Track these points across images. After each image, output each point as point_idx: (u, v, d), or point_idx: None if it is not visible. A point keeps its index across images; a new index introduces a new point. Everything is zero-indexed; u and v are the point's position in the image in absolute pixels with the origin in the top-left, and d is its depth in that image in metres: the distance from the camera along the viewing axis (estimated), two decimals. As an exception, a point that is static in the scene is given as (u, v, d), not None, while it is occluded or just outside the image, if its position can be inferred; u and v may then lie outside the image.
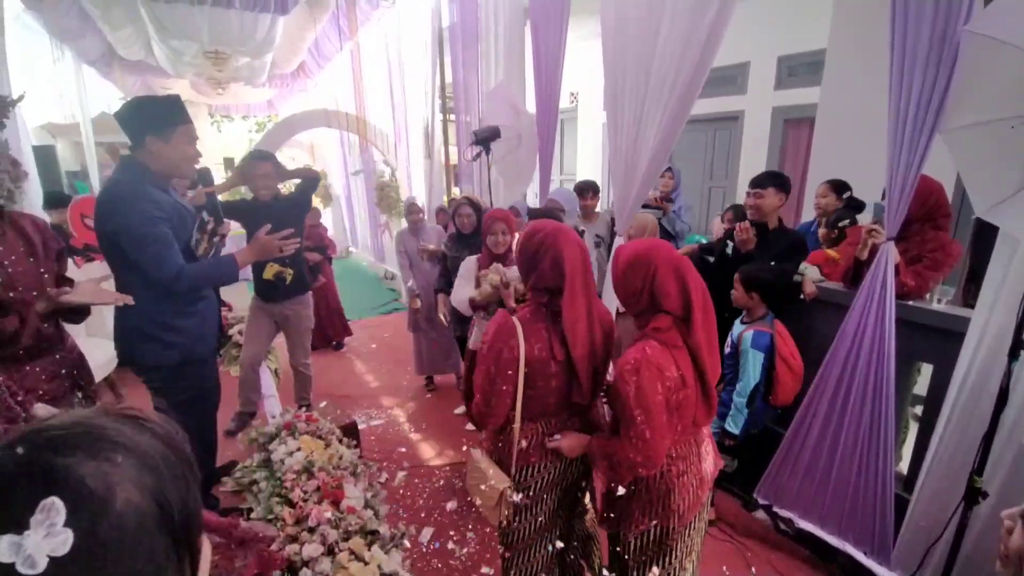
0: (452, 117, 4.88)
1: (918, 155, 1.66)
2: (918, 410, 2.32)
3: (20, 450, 0.31)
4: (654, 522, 1.39)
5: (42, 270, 1.68)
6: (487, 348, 1.41)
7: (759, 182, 2.49)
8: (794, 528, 2.24)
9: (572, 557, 1.79)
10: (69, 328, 1.99)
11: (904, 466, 2.25)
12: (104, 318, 3.50)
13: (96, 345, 3.24)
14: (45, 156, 5.62)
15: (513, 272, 2.30)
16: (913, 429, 2.34)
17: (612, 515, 1.47)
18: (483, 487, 1.49)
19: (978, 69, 1.51)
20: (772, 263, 2.33)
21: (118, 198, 1.81)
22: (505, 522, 1.53)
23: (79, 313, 1.80)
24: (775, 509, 2.30)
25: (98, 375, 3.10)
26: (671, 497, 1.37)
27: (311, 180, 3.03)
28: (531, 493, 1.52)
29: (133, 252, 1.81)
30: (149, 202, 1.80)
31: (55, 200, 3.91)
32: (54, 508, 0.29)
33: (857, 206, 2.82)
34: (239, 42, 5.24)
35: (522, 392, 1.40)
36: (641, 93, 2.68)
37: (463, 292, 2.47)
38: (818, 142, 3.77)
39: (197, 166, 2.05)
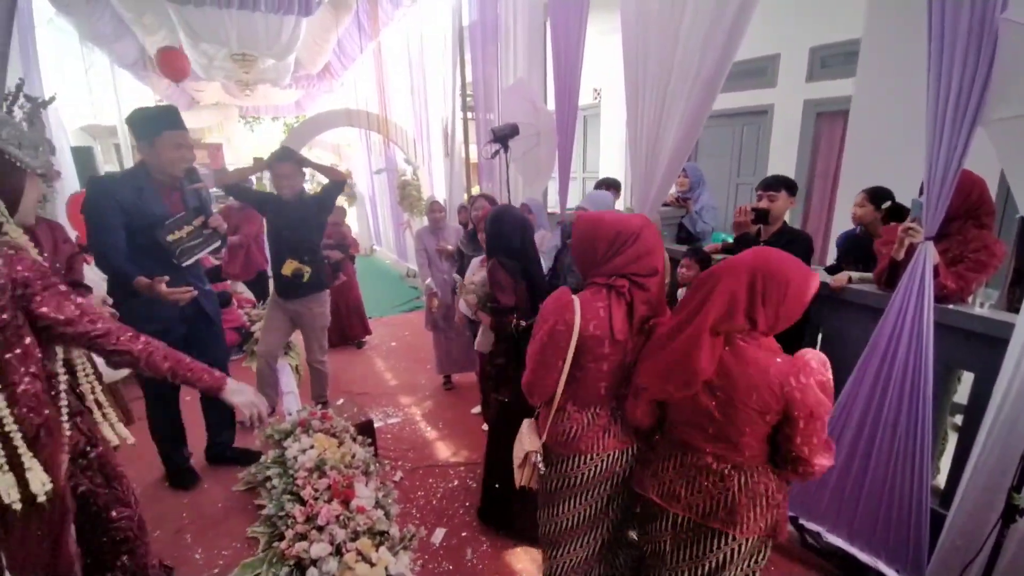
0: (472, 115, 4.86)
1: (959, 148, 1.55)
2: (958, 420, 2.18)
3: None
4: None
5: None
6: (541, 320, 1.42)
7: (771, 184, 2.38)
8: (821, 542, 2.13)
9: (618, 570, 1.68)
10: None
11: (941, 479, 2.11)
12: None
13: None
14: (84, 157, 5.84)
15: (479, 277, 2.35)
16: (952, 440, 2.20)
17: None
18: (516, 446, 1.59)
19: (1017, 58, 1.40)
20: None
21: (90, 188, 2.22)
22: (529, 486, 1.60)
23: None
24: (801, 522, 2.20)
25: (125, 370, 3.18)
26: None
27: (337, 183, 3.06)
28: (574, 484, 1.48)
29: (89, 233, 2.17)
30: (104, 195, 2.15)
31: None
32: None
33: (898, 213, 2.61)
34: (265, 44, 5.33)
35: (568, 371, 1.40)
36: (662, 87, 2.61)
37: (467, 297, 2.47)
38: (852, 136, 3.60)
39: (185, 166, 2.29)
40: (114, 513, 1.51)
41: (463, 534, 2.34)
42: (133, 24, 5.06)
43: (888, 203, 2.62)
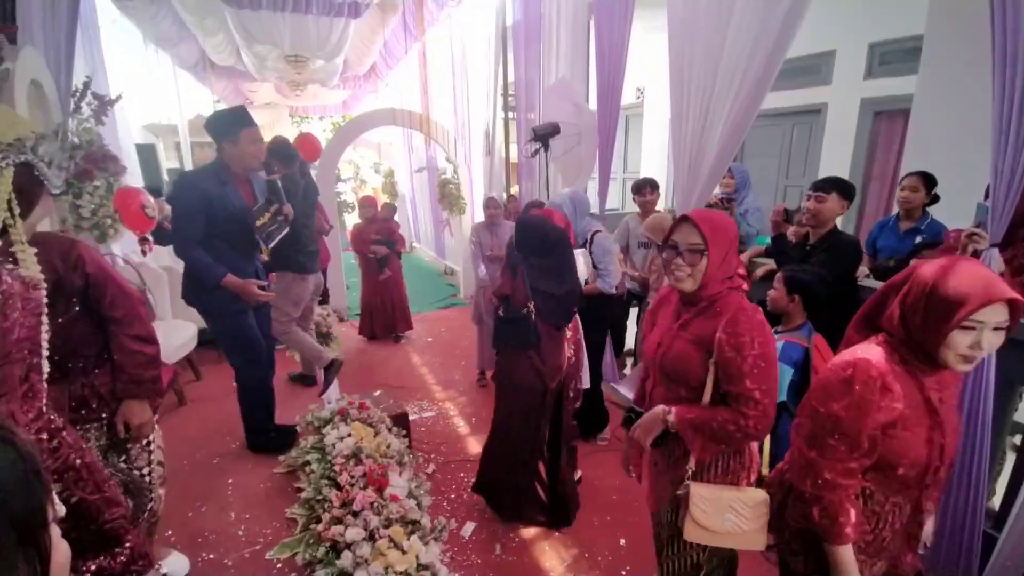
0: (513, 115, 4.89)
1: (1028, 149, 1.45)
2: (1018, 439, 2.05)
3: None
4: None
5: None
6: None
7: (822, 185, 2.28)
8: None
9: None
10: (160, 308, 2.36)
11: (996, 501, 1.98)
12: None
13: (179, 327, 3.53)
14: (147, 154, 6.22)
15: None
16: (1010, 460, 2.06)
17: None
18: (731, 516, 1.28)
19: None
20: (822, 270, 2.13)
21: (178, 182, 2.55)
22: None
23: None
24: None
25: (180, 354, 3.38)
26: None
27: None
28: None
29: (173, 220, 2.46)
30: (191, 189, 2.40)
31: (152, 193, 4.29)
32: None
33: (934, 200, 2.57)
34: (316, 46, 5.54)
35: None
36: (709, 85, 2.55)
37: None
38: (913, 136, 3.41)
39: (261, 159, 2.57)
40: (107, 515, 1.45)
41: (492, 529, 2.36)
42: (194, 27, 5.35)
43: (935, 188, 2.52)
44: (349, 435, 2.32)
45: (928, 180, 2.58)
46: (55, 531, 0.44)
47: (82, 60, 3.49)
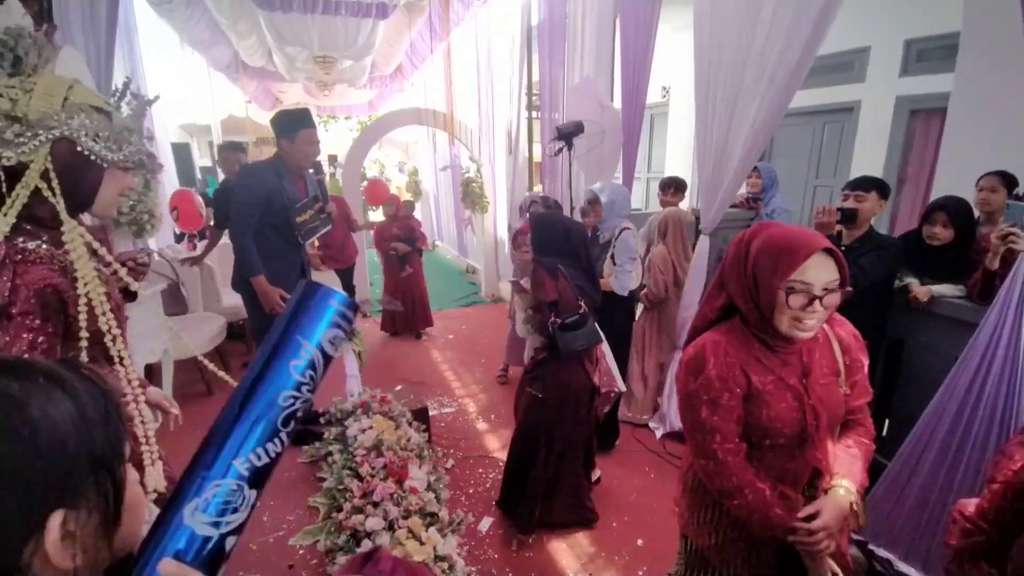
0: (537, 114, 4.89)
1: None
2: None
3: None
4: None
5: None
6: None
7: (861, 184, 2.20)
8: (893, 571, 1.98)
9: None
10: (191, 301, 2.41)
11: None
12: (221, 294, 3.94)
13: (209, 319, 3.64)
14: (182, 153, 6.43)
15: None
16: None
17: None
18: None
19: None
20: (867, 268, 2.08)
21: (243, 172, 2.75)
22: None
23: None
24: (871, 547, 2.05)
25: (210, 345, 3.49)
26: None
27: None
28: None
29: (232, 205, 2.61)
30: (253, 178, 2.60)
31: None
32: None
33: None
34: (344, 47, 5.64)
35: None
36: (735, 83, 2.51)
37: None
38: (949, 135, 3.29)
39: (314, 159, 2.76)
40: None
41: (509, 525, 2.38)
42: (228, 30, 5.50)
43: (1019, 189, 2.32)
44: (371, 428, 2.36)
45: (1009, 179, 2.34)
46: (132, 474, 0.44)
47: (120, 61, 3.63)
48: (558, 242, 2.13)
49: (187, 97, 7.20)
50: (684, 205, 3.72)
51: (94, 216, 1.28)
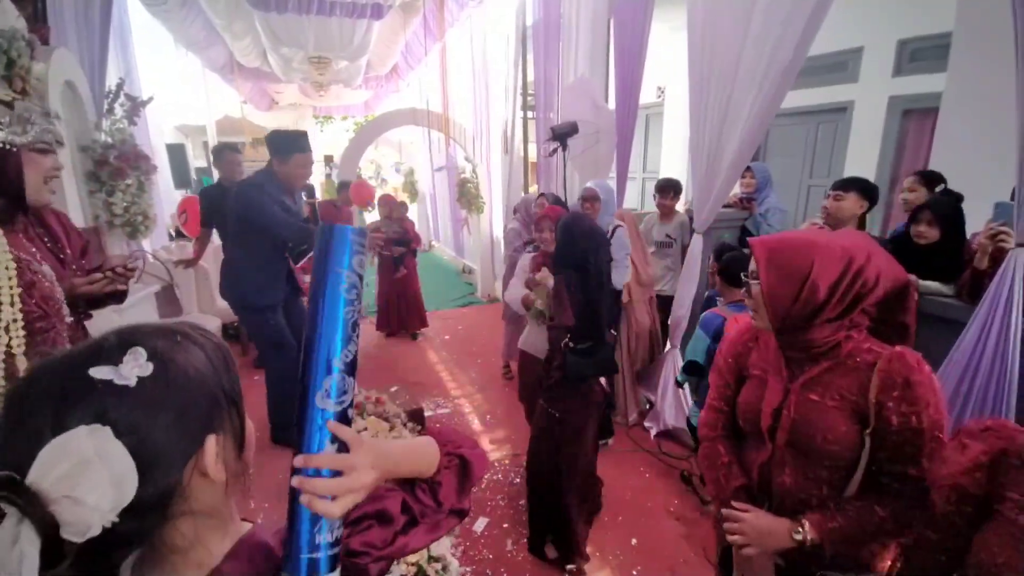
0: (532, 114, 4.89)
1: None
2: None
3: (113, 336, 0.50)
4: None
5: (75, 268, 1.50)
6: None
7: (842, 184, 2.25)
8: None
9: None
10: (185, 303, 2.38)
11: None
12: (216, 295, 3.93)
13: (205, 321, 3.63)
14: (177, 153, 6.41)
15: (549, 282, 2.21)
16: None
17: None
18: None
19: None
20: None
21: (247, 189, 2.64)
22: None
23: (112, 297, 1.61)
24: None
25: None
26: None
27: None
28: None
29: (259, 219, 2.57)
30: (264, 193, 2.60)
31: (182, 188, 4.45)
32: (138, 352, 0.48)
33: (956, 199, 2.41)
34: (339, 47, 5.63)
35: None
36: (728, 83, 2.52)
37: (517, 290, 2.45)
38: (941, 134, 3.32)
39: (305, 182, 2.79)
40: None
41: (504, 525, 2.38)
42: (223, 30, 5.49)
43: (942, 186, 2.41)
44: (365, 429, 2.35)
45: (928, 178, 2.43)
46: (211, 440, 0.53)
47: (114, 62, 3.61)
48: (588, 250, 1.93)
49: (182, 98, 7.17)
50: (679, 207, 3.73)
51: (31, 204, 1.28)
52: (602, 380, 2.11)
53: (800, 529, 1.01)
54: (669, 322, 3.16)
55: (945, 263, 2.12)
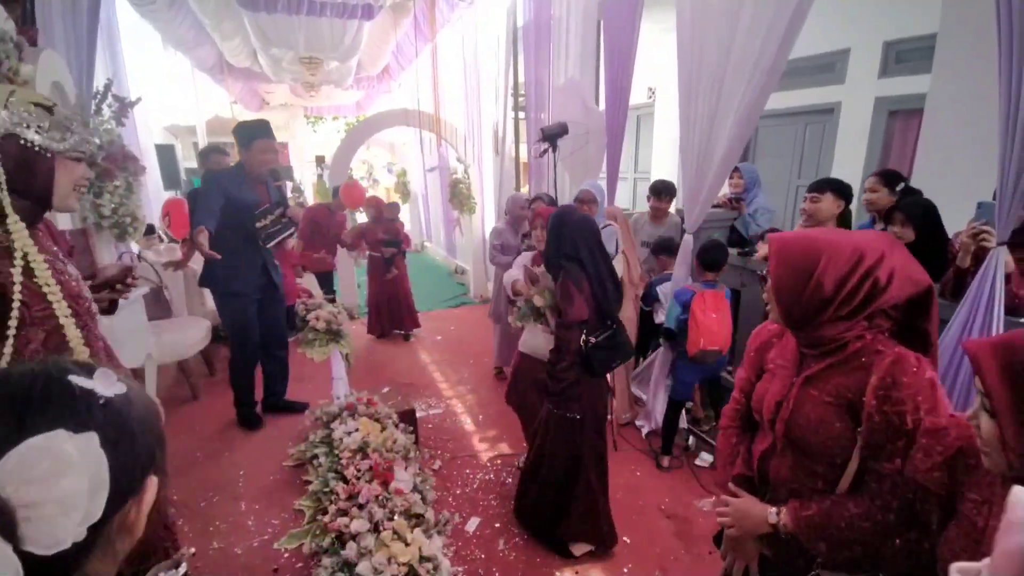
0: (523, 115, 4.90)
1: (1034, 148, 1.43)
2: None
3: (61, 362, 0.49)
4: None
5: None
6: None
7: (817, 187, 2.30)
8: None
9: None
10: (175, 305, 2.39)
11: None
12: (206, 298, 3.91)
13: (194, 322, 3.61)
14: (166, 154, 6.35)
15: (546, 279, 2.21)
16: None
17: None
18: None
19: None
20: None
21: (204, 178, 2.92)
22: None
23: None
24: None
25: (194, 349, 3.47)
26: None
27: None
28: None
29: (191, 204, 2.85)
30: (215, 183, 2.74)
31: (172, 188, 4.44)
32: (109, 372, 0.48)
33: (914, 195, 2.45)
34: (330, 47, 5.61)
35: None
36: (717, 83, 2.55)
37: (514, 273, 2.44)
38: (926, 135, 3.37)
39: (270, 167, 2.91)
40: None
41: (496, 525, 2.39)
42: (212, 30, 5.45)
43: (902, 184, 2.45)
44: (356, 430, 2.35)
45: (887, 178, 2.46)
46: (153, 480, 0.52)
47: (103, 63, 3.58)
48: (579, 240, 1.96)
49: (172, 98, 7.12)
50: (672, 207, 3.75)
51: (56, 211, 1.30)
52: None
53: (776, 514, 1.05)
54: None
55: (925, 262, 2.15)
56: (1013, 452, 0.68)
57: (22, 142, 1.12)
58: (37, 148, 1.15)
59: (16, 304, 1.11)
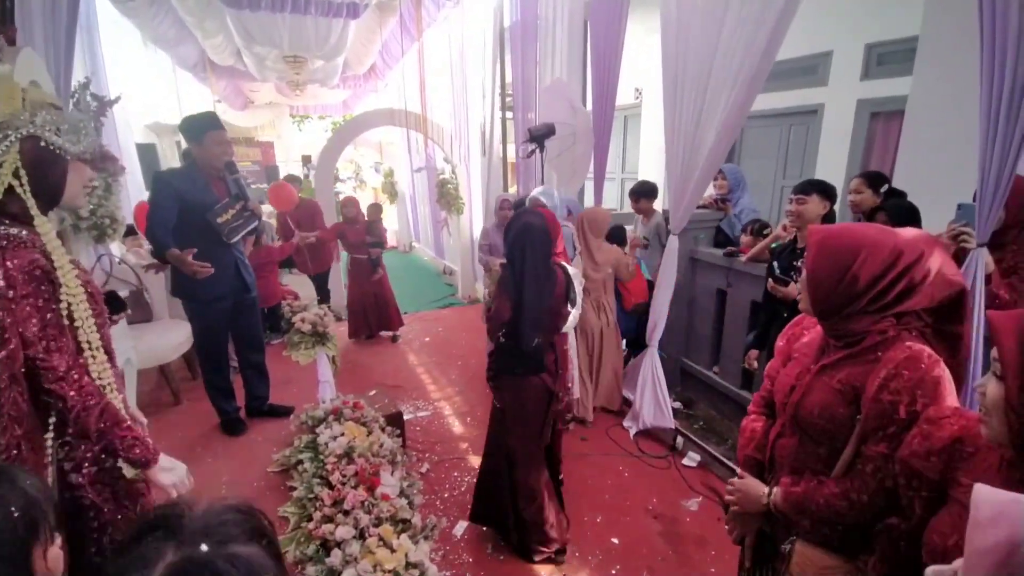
0: (511, 115, 4.89)
1: (1012, 152, 1.45)
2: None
3: None
4: None
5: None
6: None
7: (802, 188, 2.32)
8: None
9: None
10: (155, 308, 2.42)
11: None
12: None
13: (174, 326, 3.55)
14: (147, 153, 6.24)
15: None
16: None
17: None
18: None
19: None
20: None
21: (154, 182, 2.76)
22: None
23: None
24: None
25: (176, 353, 3.41)
26: None
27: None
28: None
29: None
30: (166, 186, 2.64)
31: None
32: None
33: (899, 196, 2.52)
34: (315, 46, 5.54)
35: None
36: (702, 85, 2.56)
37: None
38: (907, 137, 3.41)
39: (225, 159, 2.76)
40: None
41: (484, 529, 2.37)
42: (194, 28, 5.36)
43: (886, 185, 2.50)
44: (342, 434, 2.32)
45: (872, 179, 2.53)
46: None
47: (81, 61, 3.49)
48: (515, 248, 1.96)
49: (153, 96, 6.98)
50: (657, 206, 3.77)
51: (63, 209, 1.37)
52: (544, 376, 2.09)
53: (768, 494, 1.14)
54: (650, 322, 3.19)
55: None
56: (1014, 411, 0.73)
57: (42, 144, 1.16)
58: (56, 150, 1.18)
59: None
